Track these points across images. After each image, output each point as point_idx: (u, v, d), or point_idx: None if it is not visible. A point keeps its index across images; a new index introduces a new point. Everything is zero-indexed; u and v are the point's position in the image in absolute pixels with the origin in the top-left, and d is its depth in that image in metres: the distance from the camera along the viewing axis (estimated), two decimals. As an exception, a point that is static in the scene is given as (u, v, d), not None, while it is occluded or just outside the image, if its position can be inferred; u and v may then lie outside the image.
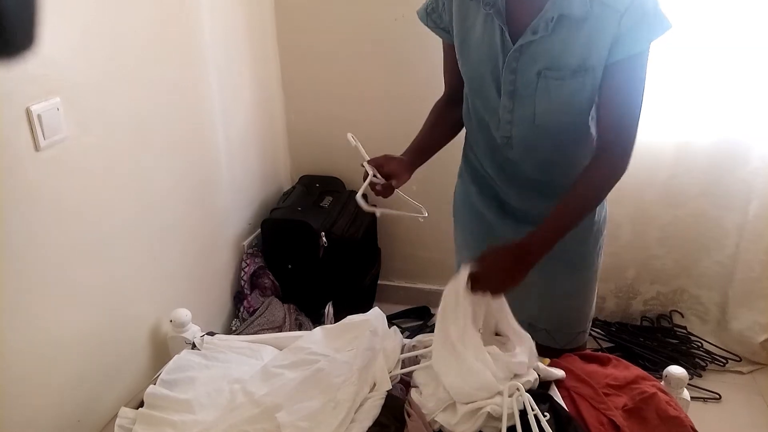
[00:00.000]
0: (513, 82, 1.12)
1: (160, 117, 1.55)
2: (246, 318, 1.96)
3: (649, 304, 2.33)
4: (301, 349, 1.25)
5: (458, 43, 1.19)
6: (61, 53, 1.20)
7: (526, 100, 1.13)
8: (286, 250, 2.09)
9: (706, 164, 2.08)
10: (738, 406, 2.00)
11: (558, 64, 1.08)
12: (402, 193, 1.18)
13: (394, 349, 1.22)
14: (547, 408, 1.04)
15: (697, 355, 2.18)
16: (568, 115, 1.15)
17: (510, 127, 1.18)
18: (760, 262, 2.07)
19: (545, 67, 1.08)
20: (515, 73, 1.11)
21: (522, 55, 1.09)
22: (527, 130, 1.17)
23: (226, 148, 1.91)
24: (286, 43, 2.25)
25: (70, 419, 1.31)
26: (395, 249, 2.45)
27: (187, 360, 1.28)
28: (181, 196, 1.68)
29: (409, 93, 2.15)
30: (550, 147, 1.19)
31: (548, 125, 1.15)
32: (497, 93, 1.16)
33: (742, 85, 1.95)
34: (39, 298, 1.20)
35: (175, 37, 1.59)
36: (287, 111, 2.35)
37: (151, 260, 1.55)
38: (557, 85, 1.09)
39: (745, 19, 1.88)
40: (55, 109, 1.18)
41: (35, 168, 1.17)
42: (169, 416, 1.14)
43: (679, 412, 1.09)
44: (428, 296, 2.47)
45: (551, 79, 1.09)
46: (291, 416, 1.05)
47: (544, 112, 1.13)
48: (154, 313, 1.58)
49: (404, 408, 1.09)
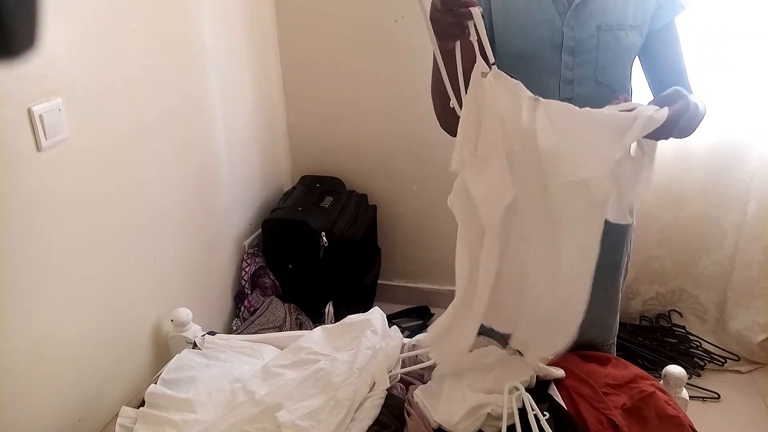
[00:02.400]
0: (573, 39, 1.16)
1: (161, 118, 1.55)
2: (247, 317, 1.96)
3: (648, 304, 2.34)
4: (301, 348, 1.26)
5: (500, 19, 1.20)
6: (63, 54, 1.20)
7: (588, 55, 1.16)
8: (287, 250, 2.10)
9: (705, 165, 2.09)
10: (737, 406, 2.00)
11: (614, 18, 1.14)
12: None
13: (394, 349, 1.23)
14: (546, 407, 1.04)
15: (695, 354, 2.18)
16: (626, 72, 1.20)
17: (571, 87, 1.19)
18: (759, 262, 2.08)
19: (603, 21, 1.14)
20: (574, 30, 1.15)
21: (579, 13, 1.14)
22: (589, 89, 1.19)
23: (227, 149, 1.92)
24: (287, 43, 2.26)
25: (71, 418, 1.32)
26: (395, 249, 2.46)
27: (188, 359, 1.28)
28: (182, 196, 1.69)
29: (409, 93, 2.16)
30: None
31: (609, 82, 1.18)
32: (557, 53, 1.17)
33: (741, 86, 1.95)
34: (40, 298, 1.21)
35: (175, 37, 1.60)
36: (288, 111, 2.36)
37: (152, 260, 1.56)
38: (616, 39, 1.15)
39: (744, 19, 1.88)
40: (57, 109, 1.19)
41: (37, 168, 1.17)
42: (170, 415, 1.14)
43: (678, 412, 1.09)
44: (428, 296, 2.48)
45: (610, 32, 1.15)
46: (291, 415, 1.06)
47: (605, 67, 1.17)
48: (155, 312, 1.58)
49: (404, 407, 1.10)
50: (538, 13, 1.16)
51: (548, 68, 1.19)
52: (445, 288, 2.45)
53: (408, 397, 1.13)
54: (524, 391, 1.05)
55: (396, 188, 2.37)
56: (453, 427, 1.04)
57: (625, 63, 1.19)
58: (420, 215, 2.38)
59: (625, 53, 1.18)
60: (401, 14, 2.09)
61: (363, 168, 2.36)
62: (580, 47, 1.16)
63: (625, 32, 1.15)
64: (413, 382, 1.22)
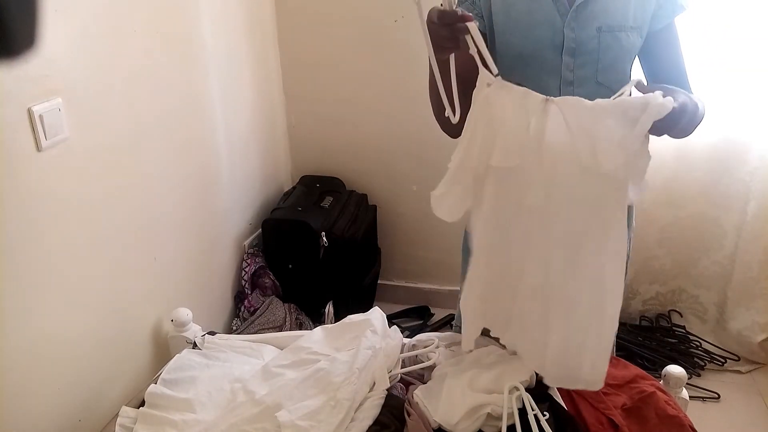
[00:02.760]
0: (574, 40, 1.16)
1: (161, 118, 1.55)
2: (247, 317, 1.96)
3: (648, 303, 2.34)
4: (301, 348, 1.26)
5: (501, 19, 1.20)
6: (63, 54, 1.20)
7: (588, 57, 1.16)
8: (287, 250, 2.10)
9: (705, 165, 2.09)
10: (736, 406, 2.00)
11: (615, 20, 1.14)
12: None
13: (394, 349, 1.23)
14: (546, 407, 1.04)
15: (695, 354, 2.18)
16: (626, 73, 1.21)
17: (572, 88, 1.19)
18: (759, 262, 2.08)
19: (604, 23, 1.14)
20: (575, 31, 1.15)
21: (580, 14, 1.14)
22: (589, 90, 1.18)
23: (227, 149, 1.92)
24: (287, 43, 2.26)
25: (71, 418, 1.32)
26: (395, 249, 2.46)
27: (188, 359, 1.28)
28: (182, 196, 1.69)
29: (409, 93, 2.16)
30: None
31: (610, 83, 1.18)
32: (558, 54, 1.18)
33: (741, 85, 1.95)
34: (40, 298, 1.21)
35: (175, 37, 1.60)
36: (288, 111, 2.36)
37: (152, 260, 1.56)
38: (616, 40, 1.15)
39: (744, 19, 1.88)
40: (57, 109, 1.19)
41: (37, 168, 1.17)
42: (170, 415, 1.14)
43: (677, 412, 1.09)
44: (428, 296, 2.48)
45: (610, 33, 1.15)
46: (291, 415, 1.06)
47: (606, 68, 1.17)
48: (155, 312, 1.58)
49: (404, 407, 1.10)
50: (538, 14, 1.17)
51: (548, 69, 1.20)
52: (445, 288, 2.45)
53: (408, 397, 1.13)
54: (524, 391, 1.05)
55: (396, 188, 2.37)
56: (453, 427, 1.04)
57: (625, 64, 1.20)
58: (420, 215, 2.38)
59: (626, 54, 1.18)
60: (401, 14, 2.09)
61: (363, 168, 2.36)
62: (580, 48, 1.16)
63: (626, 33, 1.15)
64: (413, 382, 1.22)
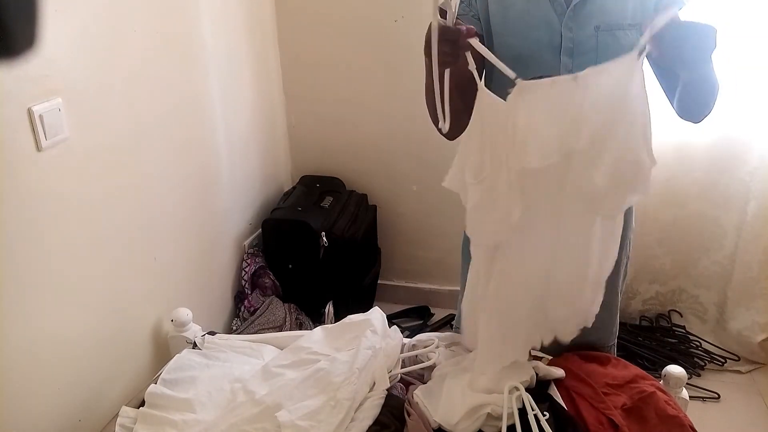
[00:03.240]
0: (572, 40, 1.15)
1: (161, 117, 1.55)
2: (247, 317, 1.96)
3: (648, 303, 2.34)
4: (301, 348, 1.26)
5: (498, 21, 1.19)
6: (63, 54, 1.20)
7: (587, 57, 1.15)
8: (287, 250, 2.10)
9: (705, 164, 2.09)
10: (736, 406, 2.00)
11: (613, 18, 1.13)
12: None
13: (394, 349, 1.23)
14: (546, 407, 1.04)
15: (695, 354, 2.18)
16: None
17: None
18: (759, 262, 2.08)
19: (602, 21, 1.14)
20: (573, 31, 1.15)
21: (577, 13, 1.13)
22: None
23: (227, 149, 1.92)
24: (287, 43, 2.26)
25: (71, 418, 1.32)
26: (395, 249, 2.46)
27: (188, 359, 1.28)
28: (182, 196, 1.69)
29: (409, 93, 2.16)
30: None
31: None
32: (556, 54, 1.17)
33: (741, 84, 1.95)
34: (40, 298, 1.21)
35: (175, 36, 1.60)
36: (288, 111, 2.36)
37: (152, 260, 1.56)
38: (615, 39, 1.14)
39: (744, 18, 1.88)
40: (57, 109, 1.19)
41: (37, 168, 1.17)
42: (170, 415, 1.14)
43: (677, 412, 1.09)
44: (428, 296, 2.48)
45: (609, 32, 1.14)
46: (291, 415, 1.06)
47: None
48: (155, 312, 1.58)
49: (404, 407, 1.10)
50: (535, 15, 1.16)
51: (547, 70, 1.18)
52: (445, 288, 2.45)
53: (408, 397, 1.13)
54: (524, 391, 1.05)
55: (396, 188, 2.37)
56: (453, 427, 1.04)
57: None
58: (420, 215, 2.38)
59: (625, 53, 1.17)
60: (401, 14, 2.09)
61: (363, 168, 2.36)
62: (578, 48, 1.15)
63: (624, 32, 1.14)
64: (413, 382, 1.22)
